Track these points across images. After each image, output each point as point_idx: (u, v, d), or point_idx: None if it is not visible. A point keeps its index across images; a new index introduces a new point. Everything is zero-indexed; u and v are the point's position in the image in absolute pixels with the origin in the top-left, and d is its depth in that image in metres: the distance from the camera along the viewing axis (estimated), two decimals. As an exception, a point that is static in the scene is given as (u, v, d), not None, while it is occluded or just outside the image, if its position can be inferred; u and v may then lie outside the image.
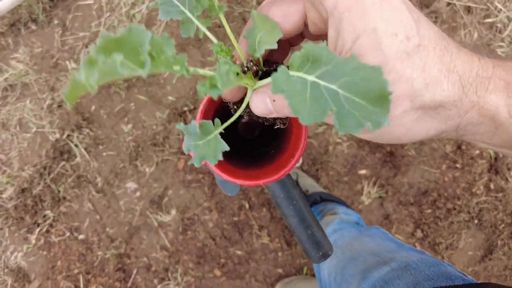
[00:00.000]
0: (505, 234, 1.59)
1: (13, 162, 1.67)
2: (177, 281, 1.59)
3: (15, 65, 1.71)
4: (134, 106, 1.67)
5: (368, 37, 0.28)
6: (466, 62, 0.30)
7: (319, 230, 0.51)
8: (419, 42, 0.28)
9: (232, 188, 0.48)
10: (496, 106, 0.30)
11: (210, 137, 0.34)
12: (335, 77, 0.25)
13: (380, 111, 0.24)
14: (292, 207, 0.49)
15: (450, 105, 0.30)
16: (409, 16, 0.28)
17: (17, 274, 1.62)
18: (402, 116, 0.29)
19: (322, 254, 0.50)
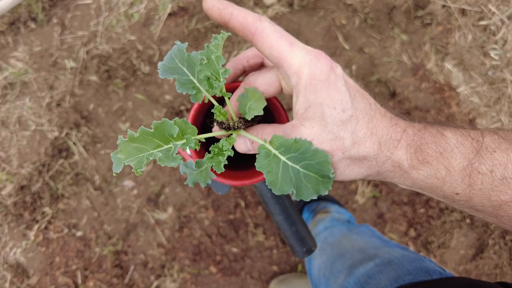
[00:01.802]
0: (496, 233, 1.62)
1: (12, 160, 1.69)
2: (173, 277, 1.62)
3: (15, 63, 1.73)
4: (132, 105, 1.70)
5: (316, 107, 0.41)
6: (385, 127, 0.42)
7: (303, 227, 0.53)
8: (352, 113, 0.41)
9: (222, 187, 0.50)
10: (401, 159, 0.42)
11: (202, 169, 0.45)
12: (299, 160, 0.40)
13: (326, 182, 0.39)
14: (278, 206, 0.52)
15: (371, 158, 0.42)
16: (347, 94, 0.41)
17: (16, 270, 1.65)
18: (336, 163, 0.42)
19: (306, 249, 0.53)
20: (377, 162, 0.42)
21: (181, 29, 1.73)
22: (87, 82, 1.71)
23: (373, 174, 0.44)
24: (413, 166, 0.42)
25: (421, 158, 0.42)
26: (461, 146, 0.41)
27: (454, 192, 0.42)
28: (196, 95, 0.44)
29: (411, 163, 0.42)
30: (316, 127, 0.41)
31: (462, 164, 0.40)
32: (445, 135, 0.42)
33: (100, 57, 1.72)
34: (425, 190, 0.44)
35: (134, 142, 0.36)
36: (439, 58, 1.71)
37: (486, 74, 1.68)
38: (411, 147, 0.42)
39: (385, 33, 1.73)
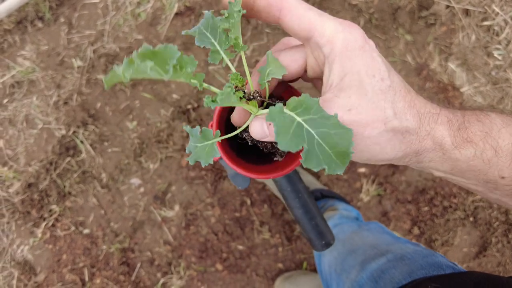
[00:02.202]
0: (499, 231, 1.64)
1: (19, 158, 1.70)
2: (179, 275, 1.63)
3: (22, 62, 1.74)
4: (139, 103, 1.71)
5: (352, 75, 0.38)
6: (422, 102, 0.41)
7: (322, 221, 0.55)
8: (390, 83, 0.38)
9: (243, 181, 0.52)
10: (443, 135, 0.39)
11: (208, 143, 0.41)
12: (316, 125, 0.34)
13: (340, 163, 0.33)
14: (298, 200, 0.53)
15: (413, 131, 0.39)
16: (383, 65, 0.39)
17: (23, 267, 1.66)
18: (378, 136, 0.38)
19: (325, 243, 0.54)
20: (418, 137, 0.39)
21: (187, 28, 1.74)
22: (94, 81, 1.72)
23: (412, 154, 0.40)
24: (457, 145, 0.38)
25: (465, 136, 0.38)
26: (509, 127, 0.38)
27: (499, 176, 0.38)
28: (213, 54, 0.42)
29: (454, 140, 0.38)
30: (354, 97, 0.37)
31: (511, 145, 0.37)
32: (489, 115, 0.40)
33: (107, 56, 1.73)
34: (465, 174, 0.40)
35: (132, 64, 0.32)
36: (443, 58, 1.73)
37: (489, 74, 1.70)
38: (453, 123, 0.39)
39: (390, 33, 1.74)
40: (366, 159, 0.41)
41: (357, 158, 0.41)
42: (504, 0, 1.69)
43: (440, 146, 0.39)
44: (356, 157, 0.41)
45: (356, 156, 0.41)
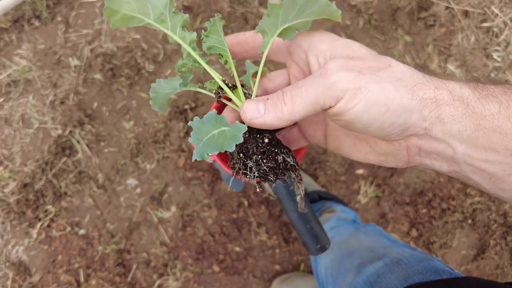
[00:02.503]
0: (498, 234, 1.63)
1: (15, 157, 1.69)
2: (176, 276, 1.62)
3: (18, 61, 1.73)
4: (136, 103, 1.70)
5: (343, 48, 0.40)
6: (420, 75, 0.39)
7: (317, 225, 0.54)
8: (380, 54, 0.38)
9: (238, 184, 0.51)
10: (460, 86, 0.35)
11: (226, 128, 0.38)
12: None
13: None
14: (293, 203, 0.52)
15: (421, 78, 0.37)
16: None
17: (18, 268, 1.65)
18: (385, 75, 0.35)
19: (320, 247, 0.53)
20: (430, 84, 0.35)
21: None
22: (91, 80, 1.71)
23: (429, 103, 0.34)
24: (479, 96, 0.34)
25: (485, 92, 0.34)
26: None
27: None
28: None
29: (475, 92, 0.34)
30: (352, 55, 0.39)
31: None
32: (497, 83, 0.36)
33: (104, 55, 1.72)
34: (491, 140, 0.33)
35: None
36: (442, 59, 1.72)
37: (488, 76, 1.69)
38: (468, 82, 0.35)
39: (389, 34, 1.74)
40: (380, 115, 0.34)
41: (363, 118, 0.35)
42: (503, 2, 1.69)
43: (459, 98, 0.34)
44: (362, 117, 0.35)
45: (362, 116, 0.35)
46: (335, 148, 0.46)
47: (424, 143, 0.37)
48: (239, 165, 0.40)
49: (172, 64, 1.72)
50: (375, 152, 0.41)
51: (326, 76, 0.35)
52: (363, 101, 0.34)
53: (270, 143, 0.41)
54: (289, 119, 0.37)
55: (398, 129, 0.35)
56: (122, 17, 0.38)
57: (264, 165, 0.39)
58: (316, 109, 0.36)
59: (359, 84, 0.34)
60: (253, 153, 0.39)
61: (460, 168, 0.36)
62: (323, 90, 0.35)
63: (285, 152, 0.41)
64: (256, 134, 0.40)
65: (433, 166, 0.38)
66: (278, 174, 0.40)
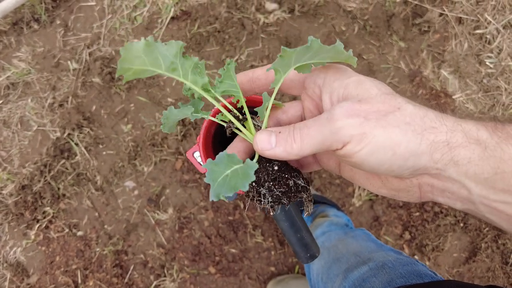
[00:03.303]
0: (489, 237, 1.66)
1: (13, 159, 1.71)
2: (172, 277, 1.64)
3: (17, 63, 1.74)
4: (134, 106, 1.72)
5: (355, 87, 0.39)
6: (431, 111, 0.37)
7: (307, 234, 0.56)
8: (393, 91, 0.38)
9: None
10: (477, 129, 0.34)
11: (238, 166, 0.39)
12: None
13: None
14: (284, 213, 0.55)
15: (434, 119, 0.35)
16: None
17: (16, 269, 1.66)
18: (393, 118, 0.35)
19: (310, 255, 0.55)
20: (442, 127, 0.34)
21: (183, 32, 1.75)
22: (90, 84, 1.73)
23: (442, 146, 0.34)
24: (498, 140, 0.33)
25: (504, 136, 0.33)
26: None
27: None
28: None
29: (493, 135, 0.33)
30: (362, 96, 0.37)
31: None
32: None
33: (103, 59, 1.74)
34: (511, 183, 0.32)
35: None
36: (436, 65, 1.75)
37: (481, 82, 1.72)
38: (483, 122, 0.34)
39: (384, 40, 1.76)
40: (386, 159, 0.35)
41: (371, 160, 0.35)
42: (496, 9, 1.72)
43: (476, 141, 0.33)
44: (369, 159, 0.35)
45: (369, 158, 0.35)
46: (350, 178, 0.47)
47: (437, 182, 0.36)
48: (253, 193, 0.42)
49: (170, 68, 1.74)
50: (387, 187, 0.41)
51: (332, 122, 0.36)
52: (369, 145, 0.34)
53: (280, 169, 0.42)
54: (298, 154, 0.38)
55: (408, 171, 0.35)
56: (134, 72, 0.40)
57: (277, 190, 0.41)
58: (324, 149, 0.37)
59: (364, 130, 0.34)
60: (265, 180, 0.41)
61: (476, 207, 0.35)
62: (329, 134, 0.36)
63: (295, 175, 0.43)
64: (266, 162, 0.43)
65: (446, 203, 0.38)
66: (291, 197, 0.42)
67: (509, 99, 1.69)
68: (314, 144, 0.37)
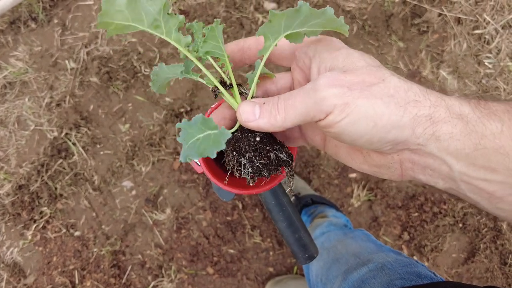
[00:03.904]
0: (488, 238, 1.66)
1: (10, 159, 1.69)
2: (170, 278, 1.63)
3: (14, 63, 1.73)
4: (132, 106, 1.71)
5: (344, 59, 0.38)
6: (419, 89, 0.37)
7: (306, 234, 0.55)
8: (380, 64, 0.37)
9: (227, 194, 0.52)
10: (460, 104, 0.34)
11: (212, 132, 0.38)
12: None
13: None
14: (282, 213, 0.54)
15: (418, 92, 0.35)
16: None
17: (12, 269, 1.65)
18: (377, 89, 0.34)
19: (308, 256, 0.55)
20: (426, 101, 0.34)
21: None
22: (88, 83, 1.72)
23: (424, 120, 0.34)
24: (480, 115, 0.32)
25: (487, 109, 0.33)
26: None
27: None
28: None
29: (475, 110, 0.33)
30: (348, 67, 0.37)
31: None
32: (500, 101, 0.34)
33: (100, 58, 1.73)
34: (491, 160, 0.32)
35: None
36: (435, 65, 1.75)
37: (480, 82, 1.72)
38: (467, 97, 0.34)
39: (383, 40, 1.76)
40: (367, 130, 0.34)
41: (351, 132, 0.35)
42: (495, 10, 1.72)
43: (459, 116, 0.33)
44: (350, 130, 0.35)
45: (350, 129, 0.35)
46: (333, 154, 0.47)
47: (418, 158, 0.36)
48: (233, 162, 0.41)
49: (168, 67, 1.73)
50: (368, 163, 0.41)
51: (316, 91, 0.35)
52: (350, 115, 0.34)
53: (262, 141, 0.41)
54: (282, 126, 0.38)
55: (388, 144, 0.35)
56: (116, 27, 0.39)
57: (258, 162, 0.40)
58: (307, 120, 0.37)
59: (347, 99, 0.34)
60: (246, 151, 0.40)
61: (457, 185, 0.35)
62: (313, 104, 0.35)
63: (278, 148, 0.42)
64: (248, 132, 0.42)
65: (428, 182, 0.37)
66: (271, 170, 0.41)
67: (508, 99, 1.69)
68: (298, 115, 0.37)
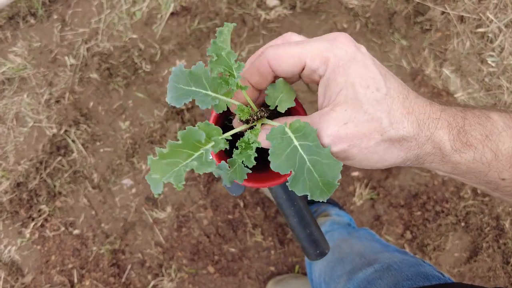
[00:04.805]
0: (490, 236, 1.65)
1: (8, 156, 1.67)
2: (171, 277, 1.61)
3: (13, 58, 1.71)
4: (132, 103, 1.69)
5: (347, 89, 0.38)
6: (421, 107, 0.40)
7: (317, 230, 0.54)
8: (386, 92, 0.38)
9: (238, 189, 0.51)
10: (443, 140, 0.39)
11: (236, 167, 0.42)
12: (310, 152, 0.36)
13: (326, 191, 0.35)
14: (293, 208, 0.53)
15: (411, 138, 0.39)
16: (378, 72, 0.38)
17: (10, 268, 1.63)
18: (375, 146, 0.38)
19: (319, 252, 0.53)
20: (417, 143, 0.39)
21: (183, 28, 1.72)
22: (87, 80, 1.70)
23: (412, 158, 0.41)
24: (456, 149, 0.39)
25: (464, 140, 0.39)
26: (510, 130, 0.39)
27: (500, 178, 0.39)
28: (218, 105, 0.42)
29: (453, 145, 0.39)
30: (350, 110, 0.37)
31: (511, 148, 0.38)
32: (491, 117, 0.40)
33: (101, 54, 1.71)
34: (466, 175, 0.41)
35: (165, 158, 0.36)
36: (438, 63, 1.74)
37: (483, 81, 1.71)
38: (452, 127, 0.39)
39: (385, 37, 1.75)
40: (366, 166, 0.41)
41: (357, 165, 0.41)
42: (498, 8, 1.71)
43: (440, 150, 0.40)
44: (356, 164, 0.41)
45: (356, 164, 0.41)
46: None
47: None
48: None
49: (169, 64, 1.71)
50: None
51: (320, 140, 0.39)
52: (351, 162, 0.41)
53: None
54: None
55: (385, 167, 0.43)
56: None
57: None
58: None
59: (348, 154, 0.39)
60: None
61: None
62: None
63: None
64: None
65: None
66: None
67: (511, 98, 1.69)
68: None
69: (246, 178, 0.42)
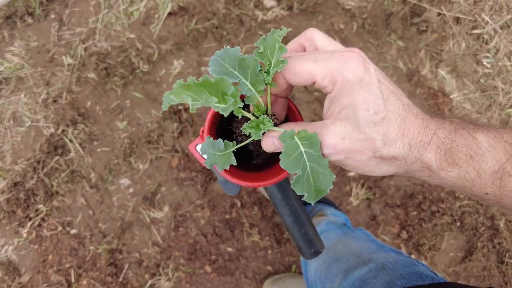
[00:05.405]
0: (485, 236, 1.66)
1: (5, 156, 1.67)
2: (168, 276, 1.62)
3: (10, 58, 1.71)
4: (130, 103, 1.69)
5: (349, 109, 0.42)
6: (416, 129, 0.44)
7: (312, 229, 0.55)
8: (385, 115, 0.42)
9: (233, 188, 0.52)
10: (430, 161, 0.44)
11: (226, 152, 0.46)
12: (312, 159, 0.42)
13: (315, 196, 0.41)
14: (288, 207, 0.53)
15: (401, 158, 0.44)
16: (380, 97, 0.42)
17: (7, 267, 1.63)
18: (367, 160, 0.44)
19: (314, 251, 0.54)
20: (406, 162, 0.44)
21: (180, 28, 1.73)
22: (85, 79, 1.70)
23: (401, 172, 0.46)
24: (442, 168, 0.43)
25: (450, 161, 0.43)
26: (493, 150, 0.42)
27: (483, 192, 0.43)
28: (250, 98, 0.45)
29: (439, 165, 0.43)
30: (348, 127, 0.42)
31: (493, 167, 0.42)
32: (477, 138, 0.43)
33: (98, 54, 1.71)
34: (453, 188, 0.46)
35: (188, 90, 0.38)
36: (434, 64, 1.75)
37: (478, 82, 1.73)
38: (440, 149, 0.43)
39: (382, 38, 1.76)
40: (360, 173, 0.47)
41: (353, 171, 0.47)
42: (493, 9, 1.72)
43: (428, 168, 0.44)
44: (351, 170, 0.47)
45: (351, 170, 0.47)
46: None
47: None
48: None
49: (167, 64, 1.72)
50: None
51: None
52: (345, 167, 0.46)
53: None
54: None
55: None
56: None
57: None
58: None
59: (344, 163, 0.44)
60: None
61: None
62: None
63: None
64: None
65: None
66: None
67: (506, 99, 1.70)
68: None
69: (227, 168, 0.44)
